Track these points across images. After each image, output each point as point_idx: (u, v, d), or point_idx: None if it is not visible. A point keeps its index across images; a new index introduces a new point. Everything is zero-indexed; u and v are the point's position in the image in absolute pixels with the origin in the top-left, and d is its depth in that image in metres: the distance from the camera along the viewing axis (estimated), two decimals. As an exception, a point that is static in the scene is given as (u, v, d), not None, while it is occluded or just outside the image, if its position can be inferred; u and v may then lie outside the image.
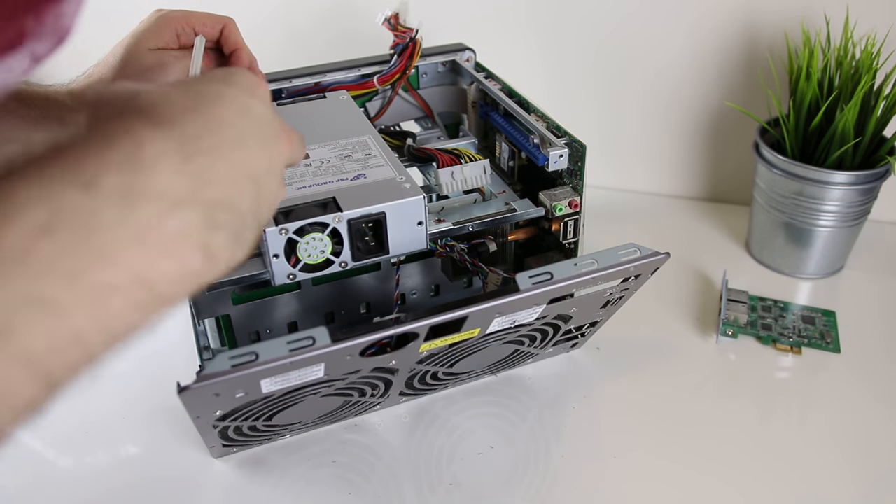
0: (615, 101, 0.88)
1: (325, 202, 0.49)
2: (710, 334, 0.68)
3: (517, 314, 0.50)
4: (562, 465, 0.55)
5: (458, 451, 0.56)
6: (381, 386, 0.53)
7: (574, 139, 0.57)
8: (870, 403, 0.60)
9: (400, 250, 0.51)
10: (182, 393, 0.41)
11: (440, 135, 0.69)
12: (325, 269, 0.50)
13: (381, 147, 0.55)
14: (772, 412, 0.60)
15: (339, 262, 0.50)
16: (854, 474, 0.54)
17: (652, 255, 0.49)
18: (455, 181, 0.58)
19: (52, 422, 0.60)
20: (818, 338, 0.67)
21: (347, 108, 0.62)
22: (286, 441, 0.58)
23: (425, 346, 0.49)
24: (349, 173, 0.52)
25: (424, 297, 0.67)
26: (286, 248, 0.48)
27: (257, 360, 0.41)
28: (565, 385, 0.62)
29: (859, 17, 0.72)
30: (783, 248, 0.75)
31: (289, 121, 0.59)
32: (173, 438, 0.58)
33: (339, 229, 0.48)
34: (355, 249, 0.50)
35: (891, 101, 0.68)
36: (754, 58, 0.81)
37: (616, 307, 0.58)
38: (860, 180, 0.68)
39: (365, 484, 0.54)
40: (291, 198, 0.49)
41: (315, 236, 0.48)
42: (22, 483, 0.55)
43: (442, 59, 0.69)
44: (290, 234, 0.47)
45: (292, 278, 0.49)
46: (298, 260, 0.48)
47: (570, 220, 0.59)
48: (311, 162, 0.54)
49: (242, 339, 0.61)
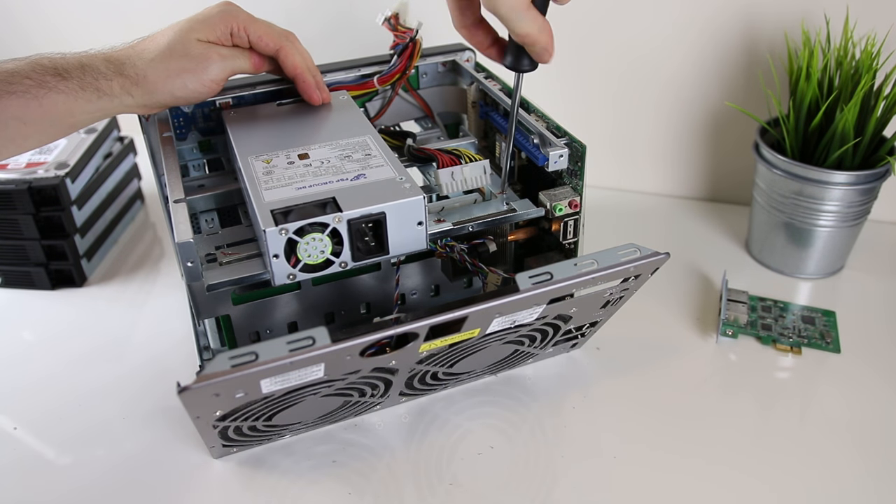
0: (615, 102, 0.88)
1: (324, 202, 0.49)
2: (710, 334, 0.68)
3: (517, 314, 0.50)
4: (562, 465, 0.55)
5: (458, 451, 0.56)
6: (381, 386, 0.53)
7: (574, 139, 0.57)
8: (870, 404, 0.60)
9: (400, 250, 0.51)
10: (182, 393, 0.41)
11: (440, 135, 0.69)
12: (325, 270, 0.50)
13: (381, 147, 0.55)
14: (772, 412, 0.60)
15: (339, 262, 0.50)
16: (854, 474, 0.54)
17: (652, 255, 0.49)
18: (455, 181, 0.58)
19: (52, 421, 0.61)
20: (818, 338, 0.67)
21: (347, 109, 0.62)
22: (286, 441, 0.58)
23: (425, 347, 0.49)
24: (349, 173, 0.52)
25: (424, 297, 0.67)
26: (286, 249, 0.48)
27: (257, 360, 0.41)
28: (565, 385, 0.62)
29: (859, 17, 0.72)
30: (783, 248, 0.75)
31: (289, 121, 0.60)
32: (173, 438, 0.58)
33: (339, 229, 0.48)
34: (355, 249, 0.50)
35: (891, 101, 0.68)
36: (754, 58, 0.81)
37: (616, 307, 0.58)
38: (860, 180, 0.68)
39: (365, 484, 0.54)
40: (291, 198, 0.49)
41: (315, 236, 0.48)
42: (22, 483, 0.55)
43: (442, 59, 0.69)
44: (289, 234, 0.47)
45: (292, 278, 0.49)
46: (298, 260, 0.48)
47: (570, 220, 0.58)
48: (311, 162, 0.54)
49: (242, 339, 0.61)
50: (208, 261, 0.53)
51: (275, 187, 0.51)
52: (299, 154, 0.55)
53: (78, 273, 0.76)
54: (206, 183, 0.62)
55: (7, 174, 0.73)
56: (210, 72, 0.56)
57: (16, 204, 0.72)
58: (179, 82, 0.55)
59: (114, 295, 0.76)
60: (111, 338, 0.70)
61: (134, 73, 0.54)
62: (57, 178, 0.73)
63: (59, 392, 0.63)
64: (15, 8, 1.01)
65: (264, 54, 0.59)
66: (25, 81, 0.51)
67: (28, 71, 0.51)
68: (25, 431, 0.60)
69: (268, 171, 0.52)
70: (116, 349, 0.68)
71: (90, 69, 0.53)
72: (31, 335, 0.71)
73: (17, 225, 0.73)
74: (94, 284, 0.77)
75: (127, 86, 0.53)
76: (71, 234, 0.75)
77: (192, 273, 0.49)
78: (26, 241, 0.74)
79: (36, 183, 0.72)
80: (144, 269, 0.80)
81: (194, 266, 0.49)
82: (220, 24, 0.57)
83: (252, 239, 0.56)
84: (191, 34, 0.56)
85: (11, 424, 0.60)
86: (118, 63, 0.54)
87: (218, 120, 0.63)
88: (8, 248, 0.75)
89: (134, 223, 0.89)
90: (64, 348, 0.68)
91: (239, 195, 0.59)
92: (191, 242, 0.48)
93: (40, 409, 0.61)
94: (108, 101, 0.53)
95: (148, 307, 0.74)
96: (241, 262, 0.53)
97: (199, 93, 0.56)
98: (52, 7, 1.00)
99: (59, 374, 0.65)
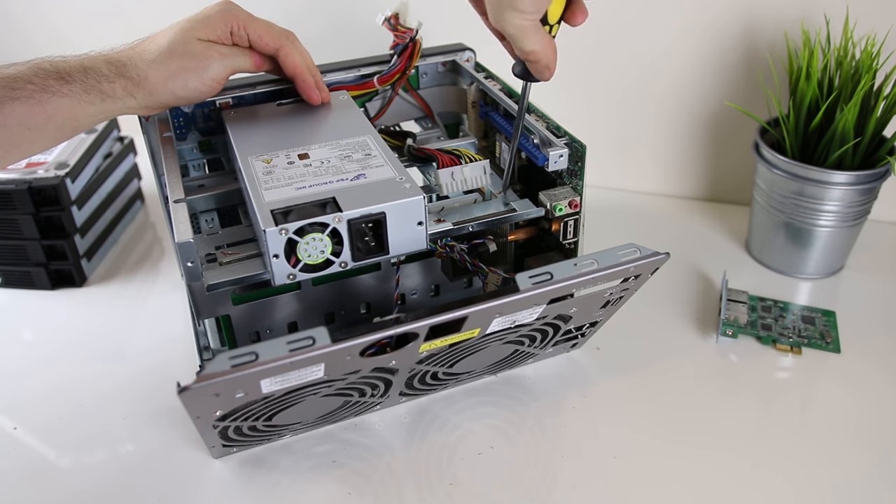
0: (615, 102, 0.88)
1: (324, 202, 0.49)
2: (710, 334, 0.68)
3: (517, 314, 0.50)
4: (562, 465, 0.55)
5: (458, 451, 0.56)
6: (381, 386, 0.53)
7: (574, 139, 0.57)
8: (870, 403, 0.60)
9: (400, 250, 0.51)
10: (182, 393, 0.41)
11: (440, 135, 0.69)
12: (325, 270, 0.50)
13: (381, 147, 0.55)
14: (772, 412, 0.60)
15: (339, 262, 0.50)
16: (854, 474, 0.54)
17: (652, 256, 0.49)
18: (455, 181, 0.58)
19: (52, 421, 0.61)
20: (818, 338, 0.67)
21: (347, 109, 0.62)
22: (286, 441, 0.58)
23: (425, 347, 0.49)
24: (349, 173, 0.52)
25: (424, 297, 0.67)
26: (286, 249, 0.48)
27: (257, 361, 0.41)
28: (565, 385, 0.62)
29: (859, 17, 0.72)
30: (783, 248, 0.75)
31: (289, 121, 0.60)
32: (173, 438, 0.58)
33: (339, 229, 0.48)
34: (355, 249, 0.49)
35: (891, 101, 0.68)
36: (754, 58, 0.81)
37: (616, 307, 0.58)
38: (860, 180, 0.68)
39: (365, 484, 0.54)
40: (291, 198, 0.49)
41: (315, 236, 0.48)
42: (22, 483, 0.55)
43: (442, 59, 0.69)
44: (290, 234, 0.47)
45: (292, 278, 0.49)
46: (298, 260, 0.48)
47: (570, 220, 0.58)
48: (311, 162, 0.54)
49: (242, 339, 0.61)
50: (208, 261, 0.53)
51: (275, 187, 0.51)
52: (299, 154, 0.55)
53: (78, 273, 0.76)
54: (206, 183, 0.62)
55: (7, 174, 0.73)
56: (211, 70, 0.56)
57: (16, 204, 0.72)
58: (181, 82, 0.55)
59: (114, 295, 0.76)
60: (111, 338, 0.70)
61: (136, 75, 0.54)
62: (57, 178, 0.73)
63: (58, 392, 0.63)
64: (15, 8, 1.01)
65: (264, 53, 0.59)
66: (28, 86, 0.51)
67: (30, 76, 0.51)
68: (25, 431, 0.60)
69: (268, 171, 0.52)
70: (116, 349, 0.68)
71: (92, 72, 0.53)
72: (31, 335, 0.71)
73: (17, 225, 0.73)
74: (94, 284, 0.77)
75: (129, 87, 0.53)
76: (71, 234, 0.75)
77: (192, 273, 0.49)
78: (26, 241, 0.74)
79: (36, 183, 0.72)
80: (144, 269, 0.80)
81: (194, 266, 0.49)
82: (220, 23, 0.57)
83: (252, 239, 0.56)
84: (191, 33, 0.56)
85: (11, 424, 0.60)
86: (120, 65, 0.54)
87: (218, 120, 0.63)
88: (8, 248, 0.75)
89: (134, 223, 0.89)
90: (64, 348, 0.68)
91: (239, 195, 0.59)
92: (191, 242, 0.48)
93: (40, 410, 0.61)
94: (111, 104, 0.53)
95: (148, 307, 0.74)
96: (241, 262, 0.53)
97: (200, 92, 0.56)
98: (53, 7, 1.00)
99: (58, 374, 0.65)
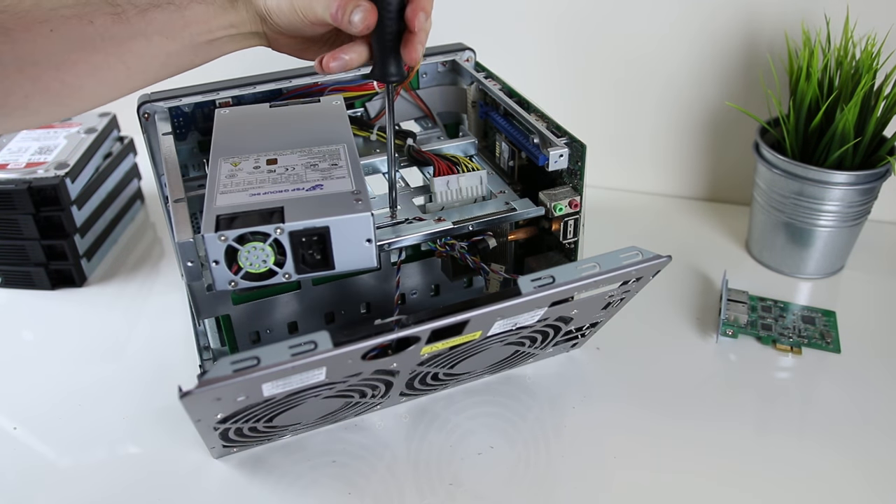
0: (615, 102, 0.88)
1: (270, 212, 0.48)
2: (710, 334, 0.68)
3: (519, 317, 0.50)
4: (562, 465, 0.55)
5: (458, 451, 0.57)
6: (382, 387, 0.53)
7: (574, 139, 0.57)
8: (870, 403, 0.60)
9: (346, 267, 0.49)
10: (184, 398, 0.41)
11: (440, 135, 0.69)
12: (268, 279, 0.48)
13: (350, 158, 0.54)
14: (772, 412, 0.60)
15: (282, 272, 0.48)
16: (854, 474, 0.54)
17: (654, 259, 0.49)
18: (450, 190, 0.57)
19: (52, 421, 0.61)
20: (818, 338, 0.67)
21: (334, 115, 0.60)
22: (286, 441, 0.58)
23: (426, 349, 0.49)
24: (308, 183, 0.51)
25: (424, 297, 0.67)
26: (227, 256, 0.47)
27: (259, 365, 0.41)
28: (565, 385, 0.62)
29: (859, 17, 0.72)
30: (783, 248, 0.75)
31: (273, 124, 0.59)
32: (174, 438, 0.58)
33: (281, 241, 0.47)
34: (298, 262, 0.48)
35: (891, 101, 0.68)
36: (754, 58, 0.81)
37: (617, 308, 0.58)
38: (860, 180, 0.68)
39: (365, 484, 0.54)
40: (241, 204, 0.48)
41: (256, 245, 0.47)
42: (22, 483, 0.55)
43: (442, 59, 0.69)
44: (229, 241, 0.46)
45: (234, 285, 0.48)
46: (240, 268, 0.47)
47: (570, 219, 0.58)
48: (277, 168, 0.52)
49: (242, 338, 0.61)
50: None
51: (231, 192, 0.50)
52: (268, 159, 0.53)
53: (78, 273, 0.76)
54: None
55: (7, 174, 0.73)
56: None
57: (16, 204, 0.72)
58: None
59: (114, 295, 0.76)
60: (111, 338, 0.70)
61: None
62: (57, 177, 0.72)
63: (58, 392, 0.63)
64: None
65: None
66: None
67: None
68: (25, 431, 0.60)
69: (231, 175, 0.51)
70: (116, 349, 0.68)
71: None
72: (31, 335, 0.71)
73: (17, 225, 0.73)
74: (94, 284, 0.77)
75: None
76: (71, 234, 0.75)
77: (193, 273, 0.49)
78: (26, 241, 0.74)
79: (36, 183, 0.72)
80: (144, 269, 0.80)
81: (194, 266, 0.49)
82: None
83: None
84: None
85: (11, 424, 0.60)
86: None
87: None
88: (8, 248, 0.75)
89: (134, 223, 0.88)
90: (64, 348, 0.68)
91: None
92: (191, 242, 0.48)
93: (40, 409, 0.62)
94: (234, 15, 0.51)
95: (148, 307, 0.74)
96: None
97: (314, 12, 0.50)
98: None
99: (58, 374, 0.65)
